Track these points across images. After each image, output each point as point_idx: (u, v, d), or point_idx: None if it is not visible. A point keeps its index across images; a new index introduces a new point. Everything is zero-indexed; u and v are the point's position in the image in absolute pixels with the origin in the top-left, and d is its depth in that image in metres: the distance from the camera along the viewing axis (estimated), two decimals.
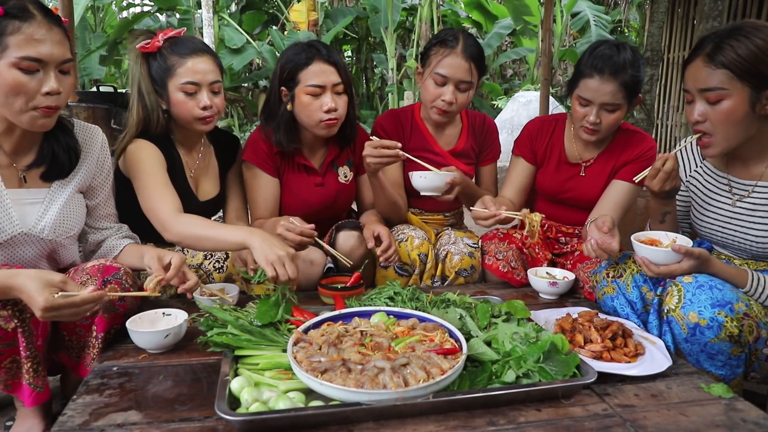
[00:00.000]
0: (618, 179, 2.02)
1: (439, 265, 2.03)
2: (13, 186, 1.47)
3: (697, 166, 1.76)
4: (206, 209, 1.98)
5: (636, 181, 1.74)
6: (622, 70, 1.82)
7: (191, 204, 1.90)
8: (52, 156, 1.50)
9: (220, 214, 2.17)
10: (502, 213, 1.79)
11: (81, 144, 1.59)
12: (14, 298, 1.27)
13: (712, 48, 1.45)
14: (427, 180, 1.83)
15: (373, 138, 1.85)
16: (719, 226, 1.65)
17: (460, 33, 2.04)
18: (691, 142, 1.78)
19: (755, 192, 1.57)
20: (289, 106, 1.95)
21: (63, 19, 1.39)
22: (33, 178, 1.51)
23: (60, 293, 1.22)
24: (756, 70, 1.40)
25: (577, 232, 2.19)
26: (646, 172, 1.61)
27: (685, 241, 1.54)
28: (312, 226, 1.78)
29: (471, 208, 1.88)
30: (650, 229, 1.82)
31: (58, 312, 1.22)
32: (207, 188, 2.00)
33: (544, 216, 1.86)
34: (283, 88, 1.94)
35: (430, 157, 2.16)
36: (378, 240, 1.93)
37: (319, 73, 1.87)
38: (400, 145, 1.81)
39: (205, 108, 1.78)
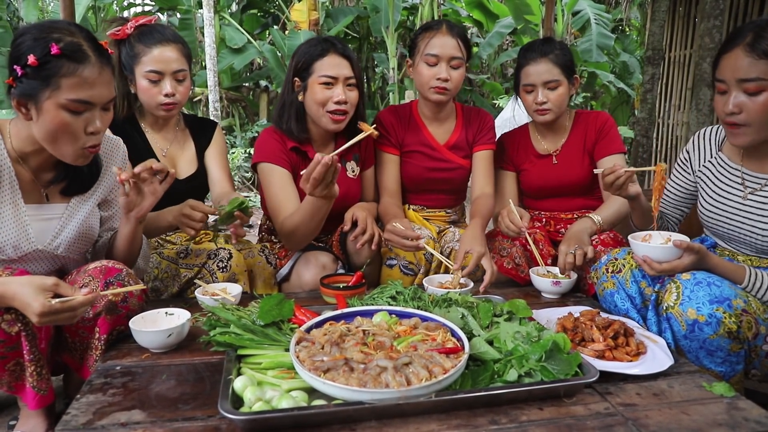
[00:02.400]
0: (603, 157, 2.16)
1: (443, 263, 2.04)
2: (33, 201, 1.47)
3: (711, 157, 1.75)
4: (187, 187, 2.04)
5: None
6: (550, 51, 2.08)
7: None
8: (75, 171, 1.50)
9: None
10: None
11: (102, 156, 1.59)
12: (7, 306, 1.26)
13: (753, 37, 1.40)
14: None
15: (396, 225, 1.90)
16: (727, 218, 1.65)
17: (441, 19, 2.18)
18: (705, 133, 1.78)
19: None
20: (300, 97, 1.98)
21: (110, 51, 1.40)
22: (53, 193, 1.51)
23: (56, 299, 1.21)
24: None
25: (576, 216, 2.21)
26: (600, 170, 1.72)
27: (680, 238, 1.54)
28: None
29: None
30: (630, 218, 1.88)
31: (54, 317, 1.22)
32: (184, 167, 2.07)
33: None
34: (296, 78, 1.98)
35: (427, 151, 2.24)
36: (355, 224, 1.96)
37: (333, 65, 1.92)
38: (421, 238, 1.86)
39: (167, 95, 1.87)
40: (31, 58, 1.26)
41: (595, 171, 1.79)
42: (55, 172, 1.50)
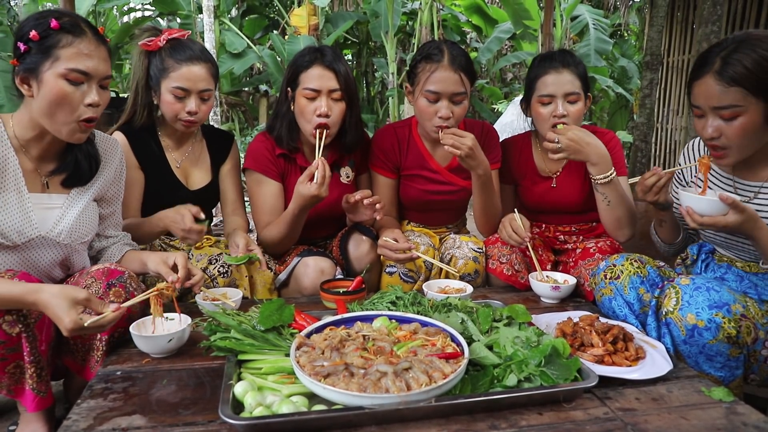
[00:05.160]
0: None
1: (443, 270, 2.04)
2: (36, 190, 1.51)
3: (699, 169, 1.76)
4: (198, 198, 2.04)
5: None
6: (572, 63, 2.00)
7: (179, 193, 2.01)
8: (75, 163, 1.55)
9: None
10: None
11: (101, 154, 1.64)
12: (34, 310, 1.30)
13: (721, 65, 1.42)
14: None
15: (388, 239, 1.93)
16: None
17: (443, 44, 1.99)
18: (695, 144, 1.79)
19: (761, 193, 1.57)
20: (292, 107, 2.01)
21: (107, 38, 1.48)
22: (54, 183, 1.55)
23: (90, 319, 1.25)
24: None
25: (573, 229, 2.21)
26: (637, 179, 1.71)
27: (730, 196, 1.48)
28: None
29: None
30: (655, 232, 1.87)
31: (83, 331, 1.26)
32: (197, 178, 2.08)
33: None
34: (288, 89, 2.01)
35: (427, 174, 2.18)
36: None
37: (316, 77, 1.93)
38: (413, 247, 1.91)
39: (190, 113, 1.87)
40: (32, 33, 1.36)
41: (631, 181, 1.76)
42: (56, 162, 1.55)
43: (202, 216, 1.76)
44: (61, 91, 1.38)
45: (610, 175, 1.86)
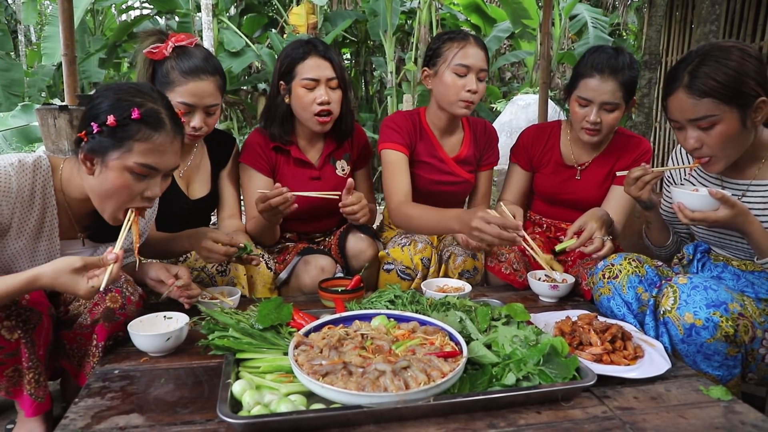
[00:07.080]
0: (617, 185, 2.09)
1: (442, 267, 2.04)
2: (67, 238, 1.49)
3: (690, 170, 1.77)
4: (197, 208, 2.03)
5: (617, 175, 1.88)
6: (621, 70, 1.92)
7: (181, 203, 1.97)
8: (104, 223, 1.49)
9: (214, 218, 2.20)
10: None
11: None
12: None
13: (689, 79, 1.44)
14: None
15: (490, 211, 1.68)
16: (715, 228, 1.65)
17: (464, 30, 2.10)
18: (682, 149, 1.80)
19: (750, 192, 1.58)
20: (286, 99, 2.03)
21: (183, 124, 1.44)
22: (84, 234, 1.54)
23: (102, 284, 1.23)
24: (738, 90, 1.41)
25: None
26: (625, 173, 1.71)
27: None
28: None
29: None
30: (646, 236, 1.87)
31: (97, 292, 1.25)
32: (198, 187, 2.04)
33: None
34: (281, 82, 2.03)
35: (436, 164, 2.19)
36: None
37: (314, 67, 1.96)
38: (520, 225, 1.66)
39: (195, 128, 1.82)
40: (110, 119, 1.28)
41: (618, 173, 1.79)
42: (91, 218, 1.51)
43: (242, 245, 1.74)
44: (125, 183, 1.32)
45: None
